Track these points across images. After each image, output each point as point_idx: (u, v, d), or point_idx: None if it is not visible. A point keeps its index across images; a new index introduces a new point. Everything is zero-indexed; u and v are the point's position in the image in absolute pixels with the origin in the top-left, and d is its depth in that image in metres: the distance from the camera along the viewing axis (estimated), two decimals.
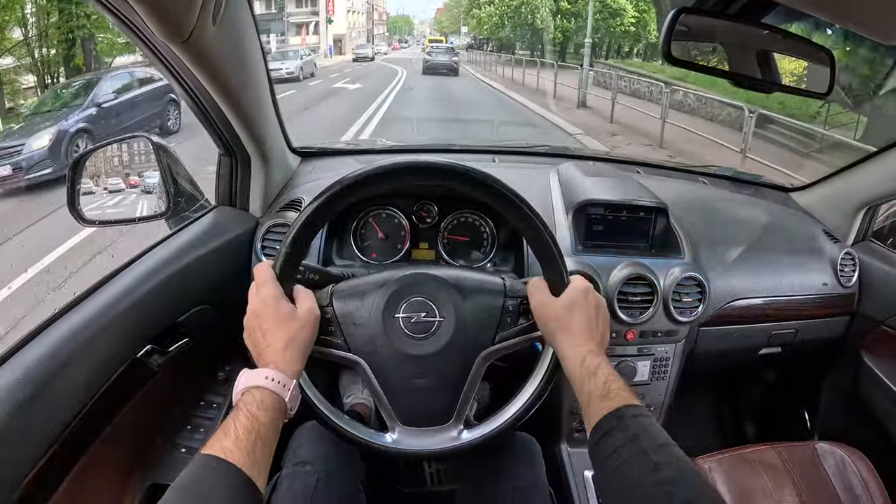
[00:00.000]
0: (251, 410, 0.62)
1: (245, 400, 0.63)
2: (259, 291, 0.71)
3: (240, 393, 0.65)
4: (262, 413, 0.62)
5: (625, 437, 0.60)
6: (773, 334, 1.25)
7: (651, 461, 0.57)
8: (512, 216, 0.74)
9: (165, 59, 0.84)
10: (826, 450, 1.15)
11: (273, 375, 0.65)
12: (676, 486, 0.54)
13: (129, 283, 0.90)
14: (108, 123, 6.41)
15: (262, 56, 0.99)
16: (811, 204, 1.45)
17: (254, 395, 0.64)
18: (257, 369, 0.67)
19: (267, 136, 1.11)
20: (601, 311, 0.75)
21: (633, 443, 0.59)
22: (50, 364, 0.73)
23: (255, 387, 0.64)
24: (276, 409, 0.64)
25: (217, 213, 1.15)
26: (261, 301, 0.70)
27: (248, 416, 0.61)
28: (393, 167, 0.71)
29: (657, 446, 0.59)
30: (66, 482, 0.77)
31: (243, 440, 0.59)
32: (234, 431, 0.59)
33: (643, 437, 0.59)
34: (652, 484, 0.55)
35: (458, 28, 47.31)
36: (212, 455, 0.57)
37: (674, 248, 1.16)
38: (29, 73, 10.70)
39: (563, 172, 1.30)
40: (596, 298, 0.75)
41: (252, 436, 0.59)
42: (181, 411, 1.09)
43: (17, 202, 5.23)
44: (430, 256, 1.23)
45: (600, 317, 0.75)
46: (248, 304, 0.72)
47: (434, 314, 0.75)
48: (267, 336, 0.69)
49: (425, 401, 0.77)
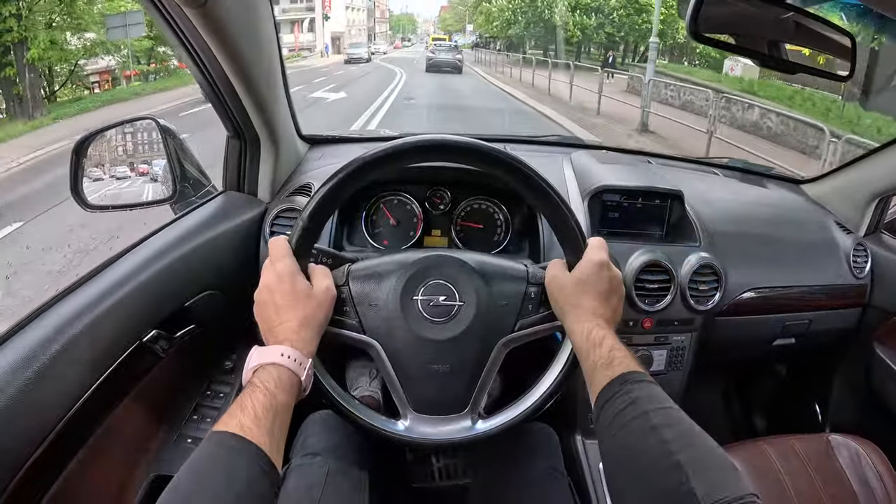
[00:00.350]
0: (269, 388, 0.59)
1: (261, 377, 0.60)
2: (274, 266, 0.68)
3: (251, 371, 0.62)
4: (279, 391, 0.59)
5: (626, 400, 0.58)
6: (787, 325, 1.24)
7: (652, 422, 0.55)
8: (526, 190, 0.72)
9: (178, 28, 0.81)
10: (840, 442, 1.14)
11: (289, 353, 0.63)
12: (679, 446, 0.52)
13: (135, 265, 0.87)
14: None
15: (276, 34, 0.97)
16: (822, 195, 1.44)
17: (270, 372, 0.61)
18: (271, 346, 0.64)
19: (278, 118, 1.09)
20: (616, 287, 0.72)
21: (635, 406, 0.57)
22: (51, 347, 0.70)
23: (271, 364, 0.62)
24: (293, 387, 0.62)
25: (225, 198, 1.13)
26: (276, 276, 0.67)
27: (267, 393, 0.58)
28: (419, 143, 0.69)
29: (659, 409, 0.56)
30: (66, 470, 0.74)
31: (262, 418, 0.56)
32: (253, 409, 0.56)
33: (645, 401, 0.57)
34: (655, 444, 0.53)
35: (463, 26, 45.11)
36: (230, 432, 0.54)
37: (689, 235, 1.15)
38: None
39: (576, 160, 1.29)
40: (610, 274, 0.72)
41: (271, 414, 0.57)
42: (186, 400, 1.06)
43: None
44: (443, 243, 1.21)
45: (614, 293, 0.72)
46: (262, 277, 0.69)
47: (454, 298, 0.73)
48: (281, 312, 0.66)
49: (440, 388, 0.75)
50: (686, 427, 0.55)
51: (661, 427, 0.54)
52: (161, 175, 1.12)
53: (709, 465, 0.50)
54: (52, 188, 5.32)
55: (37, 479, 0.67)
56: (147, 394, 0.91)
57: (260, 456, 0.53)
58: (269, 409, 0.57)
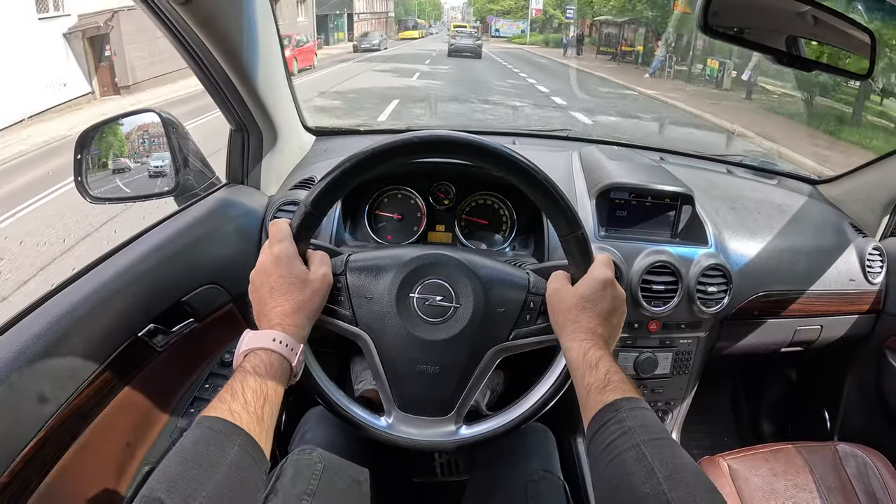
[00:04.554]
0: (260, 373, 0.59)
1: (252, 361, 0.60)
2: (273, 248, 0.67)
3: (242, 355, 0.61)
4: (270, 377, 0.59)
5: (619, 429, 0.56)
6: (798, 330, 1.21)
7: (644, 458, 0.53)
8: (534, 194, 0.70)
9: (172, 24, 0.80)
10: (847, 451, 1.12)
11: (281, 338, 0.62)
12: (671, 485, 0.50)
13: (133, 258, 0.87)
14: None
15: (276, 28, 0.96)
16: (838, 196, 1.40)
17: (261, 356, 0.60)
18: (263, 331, 0.63)
19: (279, 111, 1.08)
20: (617, 308, 0.70)
21: (627, 437, 0.55)
22: (46, 340, 0.70)
23: (262, 349, 0.61)
24: (284, 373, 0.62)
25: (227, 191, 1.12)
26: (274, 258, 0.67)
27: (257, 378, 0.58)
28: (429, 138, 0.67)
29: (652, 440, 0.54)
30: (60, 463, 0.74)
31: (252, 404, 0.55)
32: (243, 394, 0.56)
33: (638, 431, 0.55)
34: (645, 481, 0.51)
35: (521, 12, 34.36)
36: (218, 417, 0.53)
37: (699, 236, 1.12)
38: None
39: (585, 155, 1.26)
40: (614, 293, 0.70)
41: (261, 400, 0.56)
42: (184, 393, 1.06)
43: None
44: (447, 239, 1.20)
45: (615, 314, 0.70)
46: (259, 258, 0.68)
47: (451, 299, 0.72)
48: (275, 295, 0.66)
49: (428, 388, 0.74)
50: (679, 462, 0.53)
51: (653, 462, 0.52)
52: (153, 170, 1.12)
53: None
54: None
55: (31, 471, 0.68)
56: (144, 387, 0.90)
57: (248, 441, 0.53)
58: (259, 395, 0.57)
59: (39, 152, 7.40)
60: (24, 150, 7.50)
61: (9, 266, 3.79)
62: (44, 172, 6.19)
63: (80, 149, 1.01)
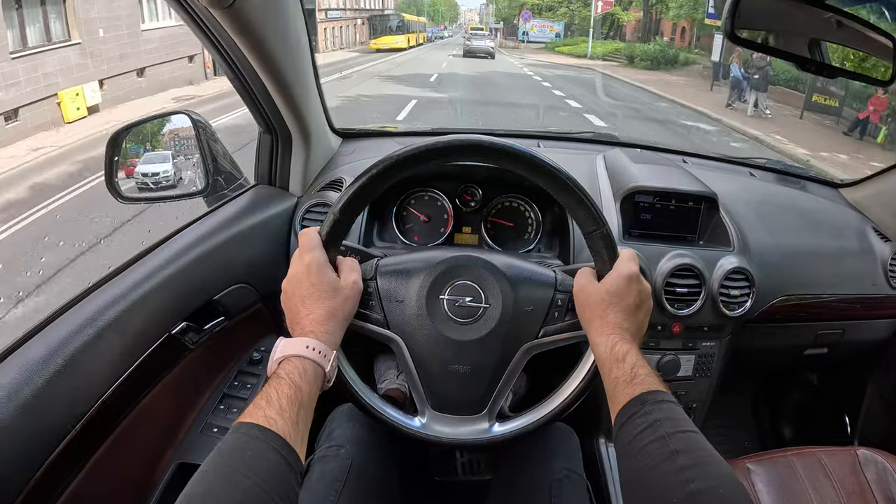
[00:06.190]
0: (294, 380, 0.60)
1: (286, 369, 0.61)
2: (303, 257, 0.69)
3: (276, 362, 0.63)
4: (304, 383, 0.60)
5: (645, 422, 0.57)
6: (820, 334, 1.21)
7: (669, 448, 0.54)
8: (558, 193, 0.71)
9: (207, 28, 0.82)
10: (868, 456, 1.11)
11: (314, 345, 0.63)
12: (694, 474, 0.51)
13: (166, 258, 0.89)
14: None
15: (307, 30, 0.98)
16: (861, 200, 1.39)
17: (295, 364, 0.62)
18: (296, 338, 0.65)
19: (309, 113, 1.10)
20: (644, 302, 0.71)
21: (653, 429, 0.56)
22: (82, 337, 0.72)
23: (296, 356, 0.62)
24: (317, 379, 0.63)
25: (256, 192, 1.14)
26: (305, 267, 0.68)
27: (292, 385, 0.59)
28: (452, 143, 0.69)
29: (678, 433, 0.56)
30: (94, 456, 0.76)
31: (287, 410, 0.57)
32: (278, 400, 0.57)
33: (664, 423, 0.57)
34: (670, 472, 0.52)
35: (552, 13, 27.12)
36: (254, 423, 0.55)
37: (723, 239, 1.12)
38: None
39: (609, 158, 1.27)
40: (639, 287, 0.71)
41: (296, 406, 0.58)
42: (214, 390, 1.08)
43: None
44: (474, 241, 1.21)
45: (642, 308, 0.71)
46: (290, 268, 0.69)
47: (480, 300, 0.73)
48: (307, 304, 0.67)
49: (460, 388, 0.75)
50: (704, 454, 0.54)
51: (679, 453, 0.54)
52: (173, 175, 1.13)
53: (724, 496, 0.50)
54: None
55: (65, 464, 0.70)
56: (175, 384, 0.93)
57: (284, 447, 0.54)
58: (294, 401, 0.58)
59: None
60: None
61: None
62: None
63: (111, 149, 1.02)
